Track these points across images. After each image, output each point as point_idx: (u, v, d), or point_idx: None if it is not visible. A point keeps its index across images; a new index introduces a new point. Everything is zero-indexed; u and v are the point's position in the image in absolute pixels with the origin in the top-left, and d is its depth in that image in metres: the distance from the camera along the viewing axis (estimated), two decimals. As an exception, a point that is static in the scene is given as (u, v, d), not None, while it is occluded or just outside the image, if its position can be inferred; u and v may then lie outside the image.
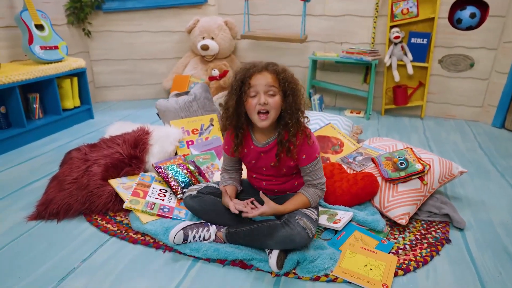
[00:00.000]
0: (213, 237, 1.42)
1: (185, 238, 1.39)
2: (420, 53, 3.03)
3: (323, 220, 1.53)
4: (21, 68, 2.47)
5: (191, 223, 1.43)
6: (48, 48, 2.65)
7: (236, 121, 1.34)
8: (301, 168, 1.39)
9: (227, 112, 1.34)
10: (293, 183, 1.46)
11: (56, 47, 2.71)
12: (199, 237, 1.40)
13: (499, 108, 2.93)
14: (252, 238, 1.35)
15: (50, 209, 1.61)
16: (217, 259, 1.35)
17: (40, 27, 2.63)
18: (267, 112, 1.28)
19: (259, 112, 1.28)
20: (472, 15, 2.85)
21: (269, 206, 1.32)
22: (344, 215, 1.55)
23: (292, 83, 1.28)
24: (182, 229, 1.39)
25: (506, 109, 2.89)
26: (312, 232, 1.30)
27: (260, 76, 1.26)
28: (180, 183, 1.73)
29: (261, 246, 1.36)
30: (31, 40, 2.56)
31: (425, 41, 2.99)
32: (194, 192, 1.47)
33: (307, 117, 1.35)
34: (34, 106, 2.62)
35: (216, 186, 1.52)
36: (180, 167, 1.81)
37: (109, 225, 1.57)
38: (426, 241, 1.48)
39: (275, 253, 1.28)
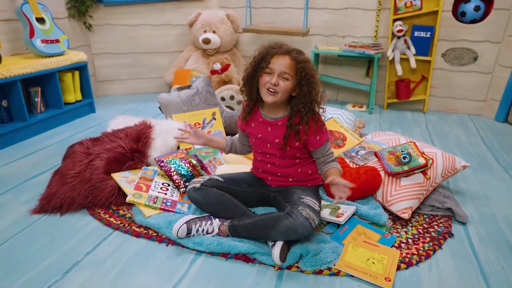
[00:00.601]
0: (216, 231, 1.42)
1: (189, 232, 1.39)
2: (423, 46, 3.00)
3: (325, 214, 1.53)
4: (23, 62, 2.46)
5: (194, 216, 1.44)
6: (49, 41, 2.64)
7: (248, 91, 1.40)
8: (316, 150, 1.39)
9: (243, 80, 1.41)
10: (296, 169, 1.46)
11: (57, 41, 2.70)
12: (202, 230, 1.41)
13: (502, 102, 2.91)
14: (255, 230, 1.35)
15: (53, 203, 1.61)
16: (220, 253, 1.36)
17: (41, 20, 2.62)
18: (275, 92, 1.32)
19: (268, 89, 1.32)
20: (477, 8, 2.81)
21: (336, 175, 1.31)
22: (346, 209, 1.55)
23: (309, 75, 1.30)
24: (185, 222, 1.39)
25: (509, 103, 2.88)
26: (315, 222, 1.29)
27: (280, 58, 1.30)
28: (182, 177, 1.74)
29: (264, 238, 1.36)
30: (32, 33, 2.54)
31: (428, 34, 2.96)
32: (198, 185, 1.48)
33: (323, 108, 1.39)
34: (36, 100, 2.62)
35: (220, 178, 1.51)
36: (183, 161, 1.81)
37: (112, 219, 1.58)
38: (428, 235, 1.48)
39: (278, 246, 1.29)
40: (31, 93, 2.60)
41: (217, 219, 1.44)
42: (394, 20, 3.01)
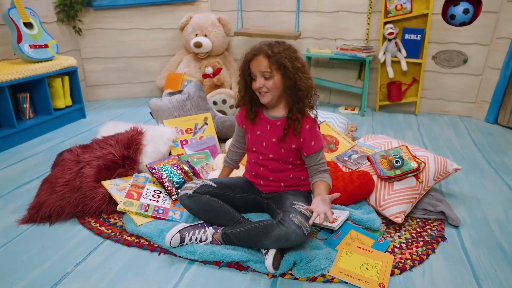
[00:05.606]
0: (209, 239, 1.40)
1: (182, 241, 1.37)
2: (414, 49, 3.02)
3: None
4: (10, 68, 2.42)
5: (187, 225, 1.42)
6: (37, 46, 2.60)
7: (250, 97, 1.42)
8: (309, 156, 1.40)
9: (240, 92, 1.43)
10: (288, 174, 1.46)
11: (46, 46, 2.66)
12: (196, 239, 1.39)
13: (492, 104, 2.94)
14: (247, 238, 1.34)
15: (42, 212, 1.58)
16: (213, 261, 1.34)
17: (29, 25, 2.58)
18: (266, 92, 1.35)
19: (259, 92, 1.36)
20: (466, 11, 2.85)
21: (324, 200, 1.27)
22: (340, 214, 1.55)
23: (284, 64, 1.30)
24: (178, 231, 1.37)
25: (499, 105, 2.91)
26: (307, 229, 1.28)
27: (256, 61, 1.32)
28: (174, 183, 1.72)
29: (257, 246, 1.35)
30: (20, 38, 2.50)
31: (419, 37, 2.98)
32: (190, 192, 1.45)
33: (317, 95, 1.40)
34: (24, 106, 2.57)
35: (213, 184, 1.49)
36: (174, 168, 1.79)
37: (102, 228, 1.55)
38: (421, 239, 1.48)
39: (271, 253, 1.27)
40: (20, 99, 2.56)
41: (210, 227, 1.43)
42: (385, 23, 3.03)
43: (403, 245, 1.45)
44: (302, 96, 1.33)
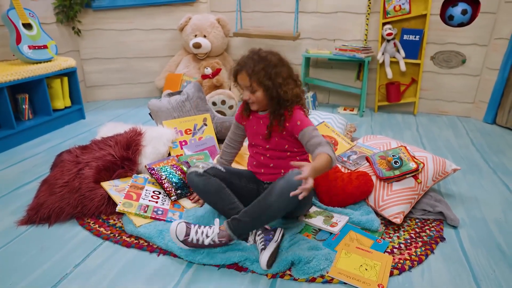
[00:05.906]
0: (217, 230, 1.36)
1: (187, 233, 1.33)
2: (413, 49, 3.03)
3: (319, 222, 1.53)
4: (9, 68, 2.42)
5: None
6: (36, 47, 2.60)
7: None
8: (301, 135, 1.38)
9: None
10: (287, 161, 1.47)
11: (45, 47, 2.66)
12: (202, 233, 1.35)
13: (490, 104, 2.95)
14: (254, 209, 1.32)
15: (41, 213, 1.58)
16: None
17: (28, 26, 2.57)
18: (253, 102, 1.43)
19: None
20: (464, 12, 2.86)
21: (308, 169, 1.17)
22: (340, 218, 1.56)
23: (263, 83, 1.35)
24: (184, 222, 1.36)
25: (497, 105, 2.92)
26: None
27: (240, 76, 1.41)
28: (173, 184, 1.72)
29: (265, 213, 1.30)
30: (19, 39, 2.50)
31: (417, 37, 2.99)
32: (201, 170, 1.45)
33: (304, 90, 1.45)
34: (24, 107, 2.57)
35: (222, 169, 1.51)
36: (174, 168, 1.79)
37: (102, 229, 1.55)
38: (420, 239, 1.49)
39: (268, 250, 1.29)
40: (19, 100, 2.55)
41: (217, 219, 1.41)
42: (384, 24, 3.04)
43: (402, 245, 1.45)
44: (287, 104, 1.40)
